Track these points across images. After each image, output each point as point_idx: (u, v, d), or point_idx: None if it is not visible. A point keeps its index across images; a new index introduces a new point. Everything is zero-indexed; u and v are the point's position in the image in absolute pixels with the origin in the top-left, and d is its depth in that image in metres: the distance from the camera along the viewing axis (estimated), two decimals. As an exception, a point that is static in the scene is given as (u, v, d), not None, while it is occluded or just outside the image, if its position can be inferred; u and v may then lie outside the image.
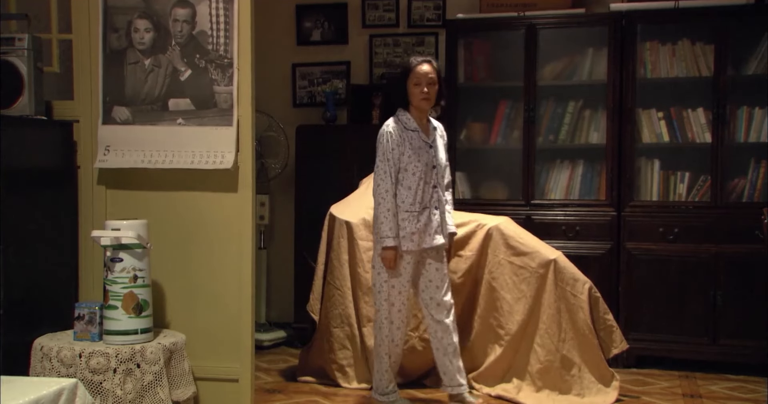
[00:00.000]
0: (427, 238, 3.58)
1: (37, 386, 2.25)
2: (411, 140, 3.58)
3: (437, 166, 3.62)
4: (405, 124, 3.60)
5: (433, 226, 3.59)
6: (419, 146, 3.58)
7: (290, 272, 5.24)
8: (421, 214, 3.57)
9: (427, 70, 3.57)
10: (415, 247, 3.56)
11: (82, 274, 3.49)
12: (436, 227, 3.60)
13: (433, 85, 3.57)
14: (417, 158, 3.56)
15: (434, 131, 3.68)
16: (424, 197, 3.58)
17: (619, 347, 3.95)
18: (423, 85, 3.56)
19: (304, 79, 5.61)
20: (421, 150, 3.58)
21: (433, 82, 3.57)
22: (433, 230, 3.60)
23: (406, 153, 3.56)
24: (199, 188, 3.41)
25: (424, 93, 3.56)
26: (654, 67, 4.62)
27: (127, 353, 2.98)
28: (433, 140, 3.64)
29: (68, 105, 3.54)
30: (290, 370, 4.44)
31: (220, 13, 3.36)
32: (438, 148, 3.65)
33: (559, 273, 3.91)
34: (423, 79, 3.57)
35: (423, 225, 3.57)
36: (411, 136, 3.59)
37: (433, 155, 3.61)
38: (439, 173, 3.62)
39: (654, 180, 4.64)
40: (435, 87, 3.59)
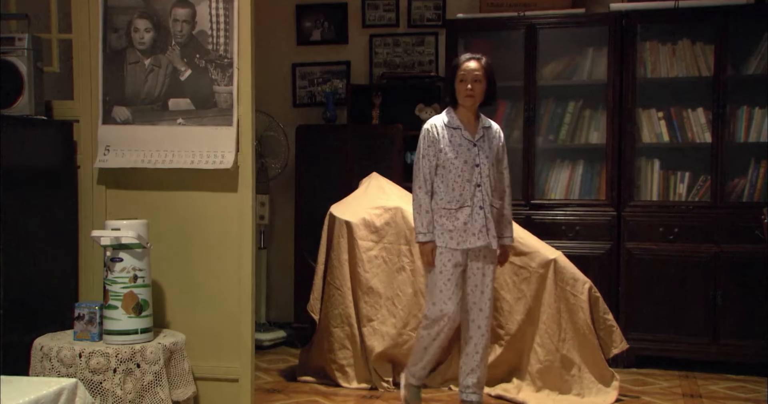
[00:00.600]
0: (470, 238, 3.49)
1: (37, 386, 2.25)
2: (451, 137, 3.53)
3: (480, 165, 3.52)
4: (448, 121, 3.56)
5: (476, 226, 3.50)
6: (459, 144, 3.52)
7: (290, 272, 5.23)
8: (459, 212, 3.50)
9: (472, 67, 3.53)
10: (454, 245, 3.50)
11: (82, 274, 3.49)
12: (480, 227, 3.50)
13: (478, 82, 3.52)
14: (455, 156, 3.50)
15: (485, 131, 3.59)
16: (464, 195, 3.51)
17: (619, 347, 3.95)
18: (467, 82, 3.51)
19: (304, 79, 5.61)
20: (461, 148, 3.52)
21: (479, 79, 3.51)
22: (477, 230, 3.50)
23: (444, 150, 3.51)
24: (199, 187, 3.40)
25: (467, 90, 3.51)
26: (654, 67, 4.62)
27: (127, 353, 2.98)
28: (479, 139, 3.55)
29: (68, 105, 3.54)
30: (290, 370, 4.44)
31: (220, 13, 3.36)
32: (485, 148, 3.56)
33: (559, 273, 3.91)
34: (468, 75, 3.52)
35: (462, 224, 3.50)
36: (452, 133, 3.54)
37: (476, 153, 3.52)
38: (483, 173, 3.52)
39: (654, 180, 4.64)
40: (480, 84, 3.53)
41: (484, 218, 3.51)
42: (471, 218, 3.50)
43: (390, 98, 5.18)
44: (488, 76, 3.56)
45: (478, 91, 3.53)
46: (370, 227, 4.10)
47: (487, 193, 3.52)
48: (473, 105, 3.56)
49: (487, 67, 3.57)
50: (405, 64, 5.43)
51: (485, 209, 3.51)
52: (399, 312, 4.04)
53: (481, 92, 3.55)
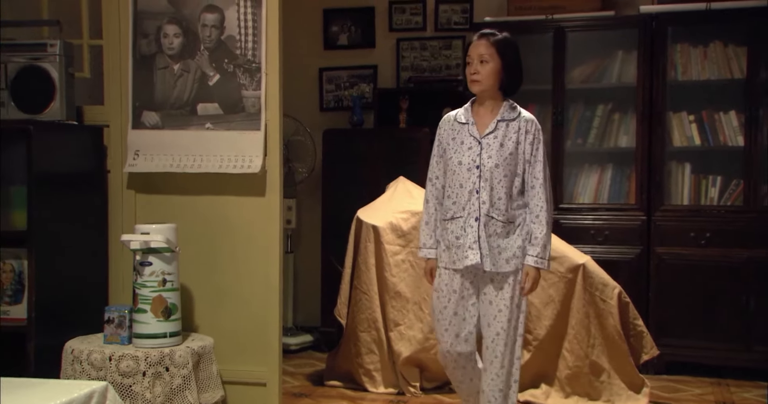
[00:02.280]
0: (461, 255, 2.92)
1: (68, 388, 2.27)
2: (457, 135, 2.98)
3: (481, 167, 2.90)
4: (460, 115, 3.01)
5: (468, 241, 2.91)
6: (462, 142, 2.96)
7: (317, 276, 5.24)
8: (451, 223, 2.96)
9: (479, 46, 2.91)
10: (451, 265, 2.97)
11: (111, 277, 3.52)
12: (471, 243, 2.90)
13: (485, 63, 2.88)
14: (458, 157, 2.96)
15: (502, 124, 2.93)
16: (457, 203, 2.95)
17: (650, 353, 3.90)
18: (473, 64, 2.92)
19: (331, 84, 5.62)
20: (463, 146, 2.95)
21: (486, 59, 2.88)
22: (467, 247, 2.91)
23: (449, 152, 2.99)
24: (227, 192, 3.42)
25: (470, 74, 2.92)
26: (685, 69, 4.56)
27: (156, 356, 2.99)
28: (488, 135, 2.92)
29: (99, 110, 3.58)
30: (317, 374, 4.44)
31: (248, 18, 3.38)
32: (494, 145, 2.91)
33: (588, 278, 3.87)
34: (473, 56, 2.92)
35: (454, 238, 2.94)
36: (459, 130, 2.98)
37: (478, 153, 2.92)
38: (484, 176, 2.90)
39: (685, 184, 4.58)
40: (489, 66, 2.89)
41: (477, 232, 2.90)
42: (463, 232, 2.92)
43: (417, 102, 5.17)
44: (503, 55, 2.90)
45: (485, 74, 2.89)
46: (397, 231, 4.08)
47: (485, 201, 2.89)
48: (482, 92, 2.94)
49: (500, 44, 2.91)
50: (432, 68, 5.42)
51: (481, 221, 2.90)
52: (426, 316, 4.02)
53: (490, 75, 2.89)
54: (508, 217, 2.92)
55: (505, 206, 2.91)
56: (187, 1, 3.43)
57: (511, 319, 2.93)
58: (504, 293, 2.93)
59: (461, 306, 2.98)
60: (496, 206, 2.91)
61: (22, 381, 2.35)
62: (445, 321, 2.99)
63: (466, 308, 2.98)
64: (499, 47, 2.91)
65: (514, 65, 2.94)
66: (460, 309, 2.98)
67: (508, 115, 2.95)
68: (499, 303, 2.93)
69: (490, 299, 2.95)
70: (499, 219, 2.91)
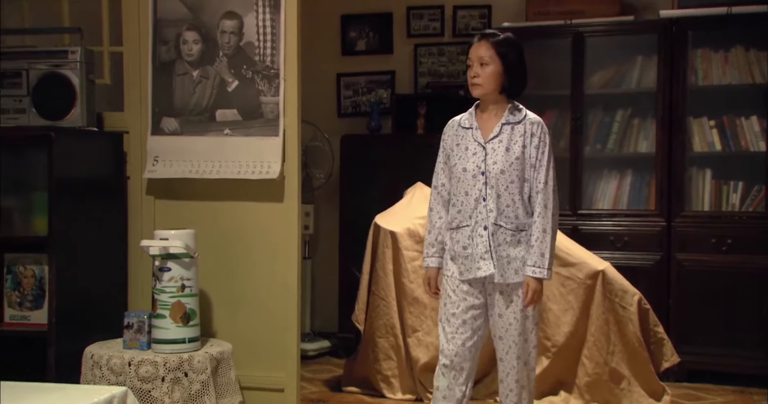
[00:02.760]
0: (472, 266, 2.81)
1: (88, 393, 2.28)
2: (461, 140, 2.88)
3: (486, 173, 2.78)
4: (464, 120, 2.91)
5: (478, 251, 2.79)
6: (466, 148, 2.85)
7: (335, 281, 5.24)
8: (458, 232, 2.85)
9: (478, 48, 2.81)
10: (458, 275, 2.85)
11: (131, 283, 3.54)
12: (482, 253, 2.78)
13: (485, 65, 2.78)
14: (462, 163, 2.84)
15: (507, 127, 2.82)
16: (463, 211, 2.83)
17: (671, 360, 3.87)
18: (473, 67, 2.81)
19: (348, 89, 5.62)
20: (467, 152, 2.84)
21: (486, 62, 2.78)
22: (479, 257, 2.79)
23: (453, 158, 2.89)
24: (245, 198, 3.43)
25: (470, 77, 2.82)
26: (705, 74, 4.53)
27: (175, 362, 3.00)
28: (493, 139, 2.81)
29: (118, 116, 3.60)
30: (335, 380, 4.43)
31: (267, 24, 3.39)
32: (500, 149, 2.79)
33: (608, 284, 3.84)
34: (473, 58, 2.82)
35: (462, 248, 2.83)
36: (463, 135, 2.88)
37: (482, 159, 2.81)
38: (490, 183, 2.78)
39: (706, 190, 4.54)
40: (490, 68, 2.77)
41: (488, 241, 2.78)
42: (472, 242, 2.80)
43: (435, 108, 5.16)
44: (504, 56, 2.78)
45: (485, 77, 2.78)
46: (415, 237, 4.08)
47: (492, 209, 2.78)
48: (483, 95, 2.83)
49: (501, 46, 2.78)
50: (450, 74, 5.41)
51: (489, 230, 2.78)
52: (444, 322, 4.00)
53: (491, 78, 2.78)
54: (517, 225, 2.79)
55: (514, 214, 2.79)
56: (206, 8, 3.46)
57: (522, 332, 2.82)
58: (514, 305, 2.80)
59: (470, 317, 2.84)
60: (504, 214, 2.78)
61: (43, 386, 2.37)
62: (453, 327, 2.84)
63: (475, 318, 2.85)
64: (500, 49, 2.79)
65: (517, 67, 2.82)
66: (469, 319, 2.84)
67: (513, 118, 2.83)
68: (509, 316, 2.81)
69: (500, 312, 2.83)
70: (509, 228, 2.79)
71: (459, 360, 2.85)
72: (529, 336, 2.85)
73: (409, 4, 5.46)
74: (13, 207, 3.29)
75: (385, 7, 5.52)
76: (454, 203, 2.88)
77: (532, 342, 2.87)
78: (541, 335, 3.93)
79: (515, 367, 2.85)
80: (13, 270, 3.30)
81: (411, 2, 5.46)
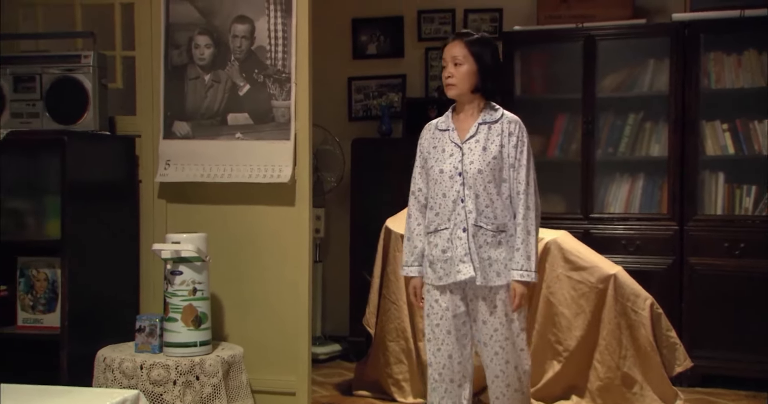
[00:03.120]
0: (452, 270, 2.73)
1: (101, 396, 2.28)
2: (438, 142, 2.82)
3: (464, 173, 2.72)
4: (441, 122, 2.87)
5: (458, 254, 2.71)
6: (443, 149, 2.79)
7: (345, 285, 5.24)
8: (436, 236, 2.77)
9: (451, 48, 2.77)
10: (437, 281, 2.77)
11: (142, 286, 3.55)
12: (462, 255, 2.71)
13: (459, 65, 2.73)
14: (439, 165, 2.78)
15: (484, 127, 2.77)
16: (441, 214, 2.76)
17: (683, 365, 3.84)
18: (447, 67, 2.77)
19: (359, 93, 5.63)
20: (444, 154, 2.78)
21: (459, 62, 2.73)
22: (458, 260, 2.71)
23: (430, 161, 2.83)
24: (256, 201, 3.44)
25: (444, 78, 2.77)
26: (718, 77, 4.50)
27: (187, 365, 3.01)
28: (470, 139, 2.75)
29: (131, 120, 3.62)
30: (346, 384, 4.43)
31: (278, 28, 3.40)
32: (477, 149, 2.73)
33: (620, 289, 3.82)
34: (447, 59, 2.77)
35: (440, 252, 2.75)
36: (440, 137, 2.82)
37: (459, 159, 2.74)
38: (468, 184, 2.71)
39: (718, 193, 4.51)
40: (464, 68, 2.73)
41: (468, 244, 2.71)
42: (451, 245, 2.73)
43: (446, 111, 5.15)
44: (477, 55, 2.73)
45: (459, 77, 2.73)
46: (427, 241, 4.07)
47: (471, 210, 2.71)
48: (458, 95, 2.78)
49: (474, 45, 2.74)
50: (461, 77, 5.40)
51: (469, 231, 2.72)
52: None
53: (465, 78, 2.73)
54: (498, 225, 2.73)
55: (493, 214, 2.73)
56: (218, 13, 3.47)
57: (509, 336, 2.74)
58: (498, 311, 2.73)
59: (454, 325, 2.77)
60: (484, 215, 2.72)
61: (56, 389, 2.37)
62: (438, 339, 2.77)
63: (459, 327, 2.77)
64: (473, 48, 2.74)
65: (491, 66, 2.77)
66: (453, 328, 2.76)
67: (490, 117, 2.78)
68: (494, 322, 2.73)
69: (483, 318, 2.74)
70: (489, 228, 2.72)
71: (449, 373, 2.78)
72: (516, 340, 2.77)
73: (420, 8, 5.46)
74: (26, 211, 3.31)
75: (396, 10, 5.52)
76: (432, 206, 2.80)
77: (519, 345, 2.78)
78: (553, 339, 3.91)
79: (504, 371, 2.77)
80: (26, 274, 3.31)
81: (422, 6, 5.46)
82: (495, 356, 2.76)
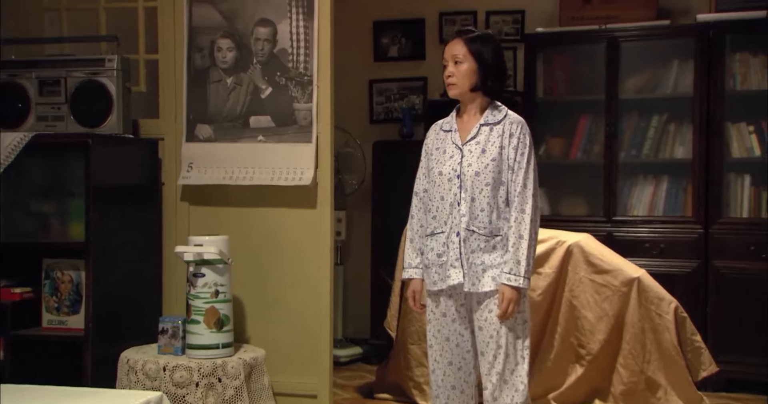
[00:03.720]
0: (444, 274, 2.66)
1: (124, 398, 2.30)
2: (440, 144, 2.75)
3: (462, 176, 2.64)
4: (446, 123, 2.79)
5: (450, 258, 2.64)
6: (444, 151, 2.71)
7: (367, 288, 5.24)
8: (431, 240, 2.70)
9: (451, 45, 2.70)
10: (431, 286, 2.70)
11: (165, 288, 3.57)
12: (453, 260, 2.63)
13: (459, 64, 2.65)
14: (439, 167, 2.71)
15: (486, 128, 2.67)
16: (438, 217, 2.68)
17: (708, 369, 3.79)
18: (448, 67, 2.69)
19: (381, 95, 5.63)
20: (445, 155, 2.70)
21: (460, 60, 2.65)
22: (449, 265, 2.64)
23: (431, 162, 2.76)
24: (278, 204, 3.45)
25: (445, 77, 2.69)
26: (744, 78, 4.45)
27: (209, 367, 3.02)
28: (470, 140, 2.67)
29: (154, 123, 3.64)
30: (367, 387, 4.42)
31: (300, 31, 3.41)
32: (476, 151, 2.65)
33: (643, 292, 3.78)
34: (447, 58, 2.69)
35: (436, 256, 2.68)
36: (443, 138, 2.75)
37: (458, 161, 2.66)
38: (465, 186, 2.63)
39: (744, 196, 4.46)
40: (465, 67, 2.64)
41: (459, 248, 2.63)
42: (446, 249, 2.65)
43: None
44: (478, 54, 2.65)
45: (460, 76, 2.65)
46: (448, 243, 4.06)
47: (464, 214, 2.62)
48: (460, 95, 2.70)
49: (474, 43, 2.66)
50: (482, 79, 5.38)
51: (461, 236, 2.63)
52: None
53: (465, 77, 2.65)
54: (491, 230, 2.62)
55: (488, 218, 2.62)
56: (240, 16, 3.48)
57: (503, 345, 2.60)
58: (492, 316, 2.61)
59: (453, 331, 2.68)
60: (478, 219, 2.62)
61: (79, 391, 2.39)
62: (438, 346, 2.70)
63: (459, 332, 2.68)
64: (473, 46, 2.65)
65: (493, 65, 2.67)
66: (452, 334, 2.68)
67: (493, 118, 2.68)
68: (488, 329, 2.61)
69: (479, 324, 2.64)
70: (482, 233, 2.62)
71: (450, 380, 2.70)
72: (511, 352, 2.61)
73: (442, 10, 5.45)
74: (51, 213, 3.35)
75: (418, 13, 5.51)
76: (429, 209, 2.72)
77: (515, 359, 2.63)
78: (576, 343, 3.88)
79: (494, 384, 2.63)
80: (51, 276, 3.34)
81: (443, 8, 5.45)
82: (487, 365, 2.64)
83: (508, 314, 2.59)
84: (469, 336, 2.70)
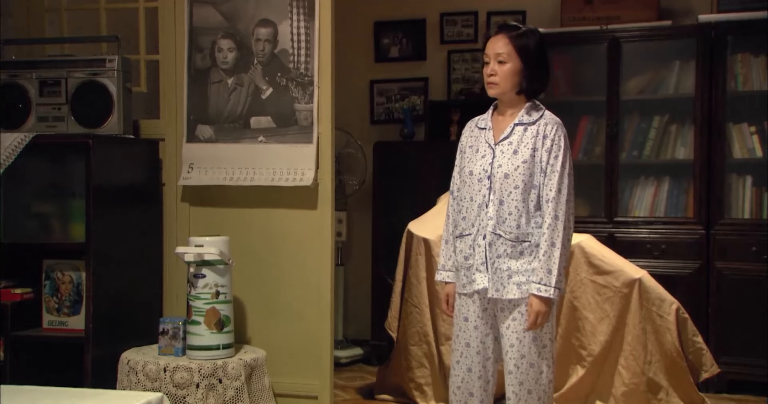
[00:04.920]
0: (469, 278, 2.60)
1: (125, 399, 2.30)
2: (474, 142, 2.65)
3: (492, 177, 2.54)
4: (480, 122, 2.69)
5: (475, 262, 2.56)
6: (477, 150, 2.62)
7: (367, 289, 5.23)
8: (460, 242, 2.62)
9: (495, 44, 2.55)
10: (461, 288, 2.64)
11: (166, 289, 3.57)
12: (479, 264, 2.55)
13: (502, 64, 2.52)
14: (470, 166, 2.62)
15: (520, 128, 2.57)
16: (467, 218, 2.60)
17: (710, 371, 3.79)
18: (490, 64, 2.56)
19: (381, 96, 5.62)
20: (477, 154, 2.61)
21: (504, 59, 2.52)
22: (475, 269, 2.56)
23: (464, 160, 2.67)
24: (279, 205, 3.44)
25: (487, 75, 2.57)
26: (746, 79, 4.45)
27: (210, 368, 3.01)
28: (503, 140, 2.57)
29: (154, 124, 3.64)
30: (367, 388, 4.42)
31: (301, 32, 3.40)
32: (508, 152, 2.55)
33: (645, 293, 3.78)
34: (489, 55, 2.56)
35: (463, 259, 2.60)
36: (477, 136, 2.65)
37: (490, 162, 2.57)
38: (495, 187, 2.53)
39: (746, 197, 4.45)
40: (508, 67, 2.52)
41: (485, 252, 2.54)
42: (473, 252, 2.57)
43: (468, 114, 5.06)
44: (523, 52, 2.52)
45: (503, 76, 2.52)
46: (449, 244, 4.05)
47: (492, 217, 2.53)
48: (500, 95, 2.58)
49: (520, 41, 2.52)
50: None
51: (487, 240, 2.53)
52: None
53: (508, 77, 2.52)
54: (518, 235, 2.52)
55: (516, 222, 2.51)
56: (241, 16, 3.48)
57: (526, 354, 2.52)
58: (516, 324, 2.52)
59: (473, 337, 2.60)
60: (506, 223, 2.51)
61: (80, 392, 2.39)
62: (457, 351, 2.63)
63: (480, 339, 2.60)
64: (519, 45, 2.51)
65: (538, 65, 2.55)
66: (473, 340, 2.60)
67: (528, 118, 2.56)
68: (510, 336, 2.53)
69: (502, 331, 2.56)
70: (508, 238, 2.52)
71: (468, 387, 2.63)
72: (535, 361, 2.53)
73: (443, 11, 5.45)
74: (51, 214, 3.34)
75: (419, 13, 5.51)
76: (459, 209, 2.63)
77: (539, 368, 2.54)
78: (577, 344, 3.88)
79: (517, 394, 2.54)
80: (52, 276, 3.34)
81: (444, 8, 5.45)
82: (509, 375, 2.56)
83: (536, 326, 2.51)
84: (491, 342, 2.62)
